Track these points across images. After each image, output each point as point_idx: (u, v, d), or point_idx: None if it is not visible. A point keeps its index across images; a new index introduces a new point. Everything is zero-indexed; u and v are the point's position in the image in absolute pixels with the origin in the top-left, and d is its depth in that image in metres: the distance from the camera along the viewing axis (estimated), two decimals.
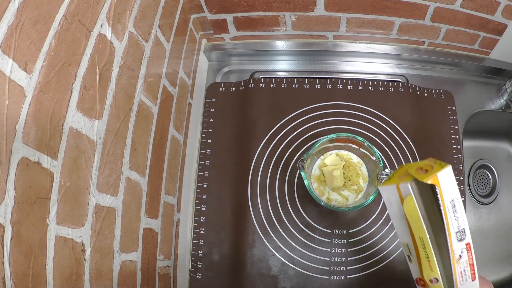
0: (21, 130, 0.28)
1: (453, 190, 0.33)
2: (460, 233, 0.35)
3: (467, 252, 0.35)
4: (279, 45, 0.74)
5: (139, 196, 0.48)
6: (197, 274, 0.63)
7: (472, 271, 0.36)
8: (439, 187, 0.33)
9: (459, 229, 0.34)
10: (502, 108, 0.73)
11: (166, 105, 0.56)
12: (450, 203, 0.33)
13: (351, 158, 0.61)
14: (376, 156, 0.56)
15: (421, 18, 0.66)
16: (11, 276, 0.27)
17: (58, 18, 0.31)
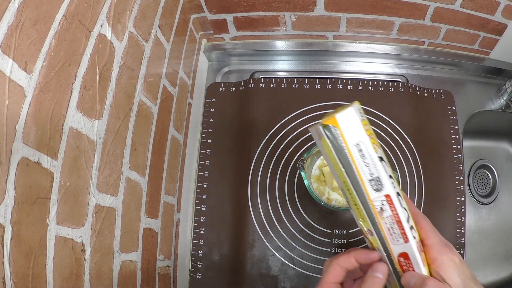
0: (21, 130, 0.28)
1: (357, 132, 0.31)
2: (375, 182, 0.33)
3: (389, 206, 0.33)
4: (279, 45, 0.74)
5: (139, 196, 0.48)
6: (197, 274, 0.63)
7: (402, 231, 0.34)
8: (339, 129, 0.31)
9: (373, 177, 0.32)
10: (502, 108, 0.73)
11: (166, 105, 0.56)
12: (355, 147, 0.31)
13: None
14: None
15: (421, 18, 0.66)
16: (11, 276, 0.27)
17: (58, 18, 0.31)
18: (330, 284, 0.39)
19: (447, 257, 0.37)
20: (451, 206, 0.64)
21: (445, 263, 0.37)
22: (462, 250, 0.62)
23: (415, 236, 0.35)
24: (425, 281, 0.36)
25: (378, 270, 0.38)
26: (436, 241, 0.38)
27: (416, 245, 0.35)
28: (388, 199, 0.33)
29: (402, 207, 0.34)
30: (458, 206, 0.64)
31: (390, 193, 0.33)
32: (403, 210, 0.34)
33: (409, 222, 0.35)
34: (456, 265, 0.37)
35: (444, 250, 0.37)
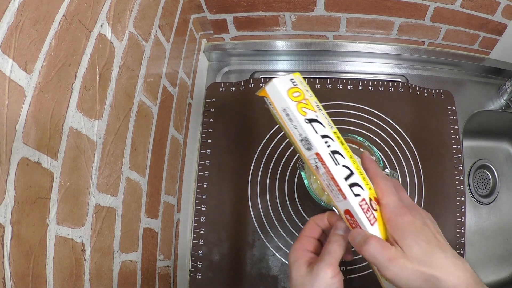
0: (21, 130, 0.28)
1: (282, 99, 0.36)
2: (305, 142, 0.36)
3: (321, 164, 0.36)
4: (279, 45, 0.74)
5: (139, 196, 0.48)
6: (197, 274, 0.63)
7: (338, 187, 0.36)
8: (269, 98, 0.36)
9: (302, 137, 0.36)
10: (502, 108, 0.73)
11: (166, 105, 0.56)
12: (283, 112, 0.36)
13: None
14: (376, 156, 0.56)
15: (421, 18, 0.66)
16: (11, 276, 0.27)
17: (58, 18, 0.31)
18: (306, 237, 0.41)
19: (402, 218, 0.36)
20: (451, 206, 0.64)
21: (399, 224, 0.36)
22: (462, 250, 0.62)
23: (360, 194, 0.36)
24: (368, 239, 0.35)
25: (338, 228, 0.39)
26: (391, 201, 0.37)
27: (360, 203, 0.36)
28: (318, 157, 0.36)
29: (339, 165, 0.36)
30: (458, 206, 0.64)
31: (320, 152, 0.35)
32: (342, 168, 0.36)
33: (351, 180, 0.36)
34: (416, 229, 0.35)
35: (400, 211, 0.36)
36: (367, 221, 0.36)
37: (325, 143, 0.36)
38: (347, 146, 0.37)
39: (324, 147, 0.36)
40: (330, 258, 0.37)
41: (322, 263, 0.36)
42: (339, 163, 0.36)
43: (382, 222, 0.37)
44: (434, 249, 0.35)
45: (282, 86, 0.36)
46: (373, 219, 0.36)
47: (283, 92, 0.36)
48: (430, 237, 0.36)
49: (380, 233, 0.36)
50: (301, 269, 0.37)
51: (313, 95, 0.37)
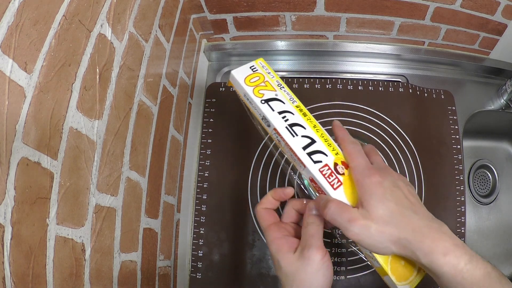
0: (21, 130, 0.28)
1: (240, 87, 0.41)
2: (264, 120, 0.41)
3: (280, 138, 0.40)
4: (279, 45, 0.74)
5: (139, 196, 0.48)
6: (197, 274, 0.63)
7: (297, 157, 0.39)
8: (233, 86, 0.43)
9: (261, 116, 0.41)
10: (502, 108, 0.73)
11: (166, 105, 0.56)
12: (244, 97, 0.42)
13: None
14: None
15: (421, 18, 0.66)
16: (11, 276, 0.27)
17: (58, 18, 0.31)
18: (272, 225, 0.41)
19: (370, 179, 0.35)
20: (451, 206, 0.64)
21: (366, 186, 0.35)
22: None
23: (322, 160, 0.38)
24: (327, 203, 0.36)
25: (311, 208, 0.40)
26: (358, 163, 0.37)
27: (320, 169, 0.38)
28: (276, 131, 0.40)
29: (297, 136, 0.39)
30: (458, 206, 0.64)
31: (277, 127, 0.39)
32: (301, 138, 0.39)
33: (312, 148, 0.39)
34: (384, 190, 0.35)
35: (368, 172, 0.36)
36: (328, 186, 0.37)
37: (282, 118, 0.40)
38: (311, 117, 0.41)
39: (281, 122, 0.39)
40: (316, 240, 0.37)
41: (311, 247, 0.36)
42: (298, 134, 0.39)
43: (351, 186, 0.37)
44: (404, 211, 0.34)
45: (239, 75, 0.42)
46: (336, 184, 0.37)
47: (241, 80, 0.41)
48: (400, 198, 0.35)
49: (346, 196, 0.37)
50: (289, 257, 0.37)
51: (275, 76, 0.43)
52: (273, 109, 0.40)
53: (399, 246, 0.34)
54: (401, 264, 0.38)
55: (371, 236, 0.34)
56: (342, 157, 0.39)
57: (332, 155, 0.39)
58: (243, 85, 0.41)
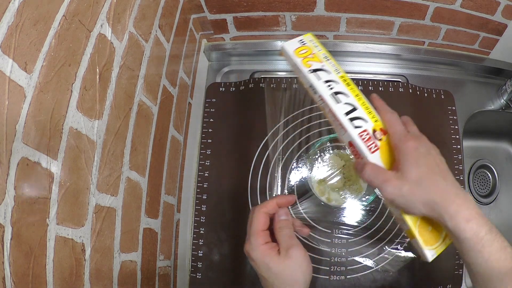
0: (21, 130, 0.28)
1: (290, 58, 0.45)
2: (311, 88, 0.44)
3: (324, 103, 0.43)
4: (279, 45, 0.74)
5: (139, 196, 0.48)
6: (197, 274, 0.63)
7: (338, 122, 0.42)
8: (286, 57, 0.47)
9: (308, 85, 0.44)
10: (502, 108, 0.73)
11: (166, 105, 0.56)
12: (294, 67, 0.46)
13: (351, 158, 0.61)
14: None
15: (421, 18, 0.66)
16: (11, 276, 0.27)
17: (58, 18, 0.31)
18: (262, 232, 0.42)
19: (406, 144, 0.38)
20: None
21: (404, 150, 0.38)
22: None
23: (362, 126, 0.41)
24: (364, 166, 0.39)
25: (281, 214, 0.43)
26: (396, 130, 0.40)
27: (359, 134, 0.41)
28: (321, 98, 0.43)
29: (340, 103, 0.42)
30: None
31: (322, 94, 0.42)
32: (343, 105, 0.42)
33: (353, 114, 0.41)
34: (418, 154, 0.38)
35: (405, 138, 0.39)
36: (366, 149, 0.40)
37: (327, 86, 0.43)
38: (354, 86, 0.43)
39: (326, 90, 0.43)
40: (294, 240, 0.42)
41: (293, 246, 0.41)
42: (341, 101, 0.42)
43: (387, 151, 0.40)
44: (434, 176, 0.37)
45: (290, 47, 0.46)
46: (374, 148, 0.40)
47: (291, 52, 0.45)
48: (432, 165, 0.38)
49: (382, 160, 0.40)
50: (275, 259, 0.41)
51: (322, 49, 0.46)
52: (319, 78, 0.43)
53: (428, 207, 0.37)
54: (428, 229, 0.41)
55: (403, 196, 0.37)
56: (381, 124, 0.42)
57: (371, 121, 0.41)
58: (293, 56, 0.45)
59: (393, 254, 0.62)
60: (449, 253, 0.62)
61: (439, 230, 0.41)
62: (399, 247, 0.62)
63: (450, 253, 0.62)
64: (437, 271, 0.62)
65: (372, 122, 0.41)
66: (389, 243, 0.62)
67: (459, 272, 0.62)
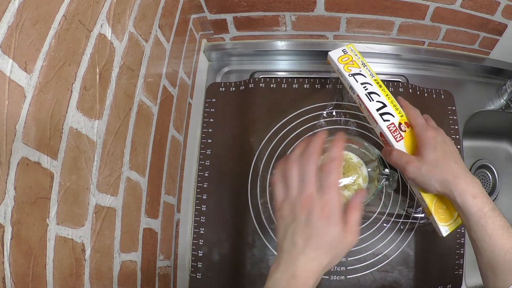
0: (21, 130, 0.28)
1: (335, 64, 0.59)
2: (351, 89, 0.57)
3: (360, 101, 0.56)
4: (279, 45, 0.74)
5: (139, 196, 0.48)
6: (197, 274, 0.63)
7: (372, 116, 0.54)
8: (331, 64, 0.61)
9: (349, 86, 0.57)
10: (502, 108, 0.73)
11: (166, 105, 0.56)
12: (338, 72, 0.59)
13: (351, 158, 0.60)
14: (376, 156, 0.56)
15: (421, 18, 0.66)
16: (11, 276, 0.27)
17: (58, 18, 0.31)
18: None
19: (427, 133, 0.47)
20: None
21: (424, 138, 0.47)
22: (462, 250, 0.62)
23: (390, 120, 0.52)
24: (391, 151, 0.50)
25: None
26: (419, 122, 0.49)
27: (388, 126, 0.52)
28: (358, 97, 0.55)
29: (373, 101, 0.54)
30: None
31: (359, 94, 0.55)
32: (376, 103, 0.54)
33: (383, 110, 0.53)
34: (436, 142, 0.46)
35: (425, 128, 0.48)
36: (393, 139, 0.51)
37: (363, 87, 0.55)
38: (385, 88, 0.55)
39: (362, 90, 0.55)
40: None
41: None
42: (373, 100, 0.54)
43: (410, 140, 0.51)
44: (448, 159, 0.45)
45: (334, 56, 0.59)
46: (399, 137, 0.51)
47: (335, 59, 0.59)
48: (446, 151, 0.46)
49: (405, 147, 0.50)
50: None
51: (361, 57, 0.59)
52: (357, 81, 0.56)
53: (441, 184, 0.45)
54: (443, 208, 0.50)
55: (422, 175, 0.46)
56: (405, 119, 0.52)
57: (398, 116, 0.52)
58: (337, 63, 0.58)
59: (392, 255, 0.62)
60: (449, 253, 0.62)
61: (452, 211, 0.49)
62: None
63: (450, 253, 0.62)
64: (437, 271, 0.62)
65: (398, 117, 0.52)
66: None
67: (459, 272, 0.62)
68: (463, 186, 0.43)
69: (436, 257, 0.62)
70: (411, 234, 0.62)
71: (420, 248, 0.62)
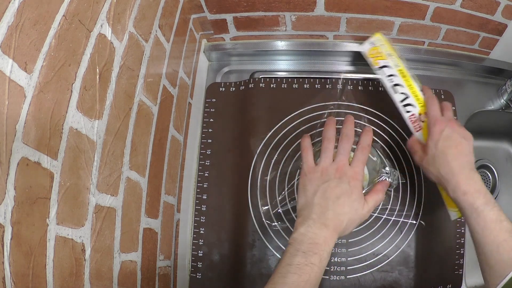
0: (21, 130, 0.28)
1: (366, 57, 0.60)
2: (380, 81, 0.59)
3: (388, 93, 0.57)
4: (279, 45, 0.74)
5: (139, 196, 0.48)
6: (197, 274, 0.63)
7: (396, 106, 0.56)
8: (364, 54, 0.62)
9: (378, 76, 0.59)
10: (502, 108, 0.73)
11: (166, 105, 0.56)
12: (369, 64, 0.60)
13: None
14: (377, 156, 0.56)
15: (421, 18, 0.66)
16: (11, 276, 0.27)
17: (58, 18, 0.31)
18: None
19: (435, 127, 0.50)
20: None
21: (430, 132, 0.50)
22: (462, 250, 0.62)
23: (411, 111, 0.55)
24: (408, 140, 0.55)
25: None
26: (431, 114, 0.51)
27: (409, 117, 0.55)
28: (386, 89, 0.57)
29: (397, 93, 0.56)
30: None
31: (386, 86, 0.57)
32: (399, 95, 0.56)
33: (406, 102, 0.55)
34: (440, 137, 0.49)
35: (434, 121, 0.50)
36: (413, 128, 0.55)
37: (389, 80, 0.57)
38: (408, 77, 0.57)
39: (389, 83, 0.57)
40: None
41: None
42: (398, 92, 0.56)
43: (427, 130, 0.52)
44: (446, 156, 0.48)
45: (364, 49, 0.61)
46: (418, 128, 0.54)
47: (365, 53, 0.61)
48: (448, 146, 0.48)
49: (424, 137, 0.53)
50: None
51: (388, 46, 0.59)
52: (384, 73, 0.57)
53: (437, 179, 0.49)
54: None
55: (423, 166, 0.51)
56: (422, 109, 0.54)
57: (418, 107, 0.55)
58: (367, 57, 0.60)
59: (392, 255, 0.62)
60: (449, 253, 0.62)
61: None
62: None
63: (450, 253, 0.62)
64: (437, 271, 0.62)
65: (419, 107, 0.55)
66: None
67: (459, 272, 0.62)
68: (454, 184, 0.46)
69: (436, 257, 0.62)
70: (411, 234, 0.62)
71: (420, 248, 0.62)
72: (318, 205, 0.45)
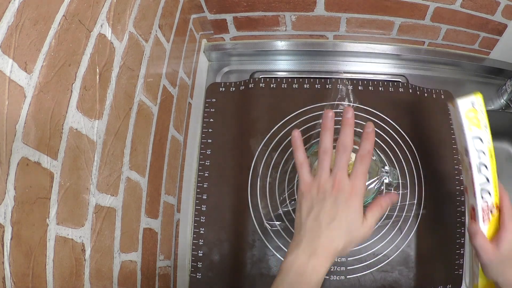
0: (21, 130, 0.28)
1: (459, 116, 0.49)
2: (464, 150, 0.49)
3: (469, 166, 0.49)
4: (279, 45, 0.74)
5: (139, 196, 0.48)
6: (197, 274, 0.63)
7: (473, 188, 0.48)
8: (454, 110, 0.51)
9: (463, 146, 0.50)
10: (502, 108, 0.73)
11: (166, 105, 0.56)
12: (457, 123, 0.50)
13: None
14: (376, 156, 0.56)
15: (421, 18, 0.66)
16: (11, 276, 0.27)
17: (58, 18, 0.31)
18: None
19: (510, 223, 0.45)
20: (451, 206, 0.64)
21: (507, 227, 0.45)
22: (462, 250, 0.62)
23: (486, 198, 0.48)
24: (475, 234, 0.46)
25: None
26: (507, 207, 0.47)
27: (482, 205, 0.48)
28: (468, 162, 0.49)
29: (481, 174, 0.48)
30: (458, 206, 0.64)
31: (471, 161, 0.48)
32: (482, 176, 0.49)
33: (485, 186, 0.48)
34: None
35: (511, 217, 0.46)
36: (481, 219, 0.48)
37: (477, 156, 0.49)
38: (494, 159, 0.49)
39: (476, 159, 0.49)
40: None
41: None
42: (481, 172, 0.49)
43: (494, 224, 0.48)
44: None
45: (462, 106, 0.50)
46: (487, 220, 0.48)
47: (462, 112, 0.49)
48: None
49: (488, 230, 0.47)
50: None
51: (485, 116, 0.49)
52: (475, 146, 0.49)
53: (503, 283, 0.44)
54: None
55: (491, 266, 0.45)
56: (497, 200, 0.48)
57: (494, 196, 0.48)
58: (463, 116, 0.49)
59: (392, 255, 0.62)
60: (449, 253, 0.62)
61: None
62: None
63: (450, 253, 0.62)
64: (437, 271, 0.62)
65: (494, 197, 0.48)
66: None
67: (459, 272, 0.62)
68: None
69: (436, 257, 0.62)
70: (411, 234, 0.62)
71: (420, 248, 0.62)
72: (310, 230, 0.41)
